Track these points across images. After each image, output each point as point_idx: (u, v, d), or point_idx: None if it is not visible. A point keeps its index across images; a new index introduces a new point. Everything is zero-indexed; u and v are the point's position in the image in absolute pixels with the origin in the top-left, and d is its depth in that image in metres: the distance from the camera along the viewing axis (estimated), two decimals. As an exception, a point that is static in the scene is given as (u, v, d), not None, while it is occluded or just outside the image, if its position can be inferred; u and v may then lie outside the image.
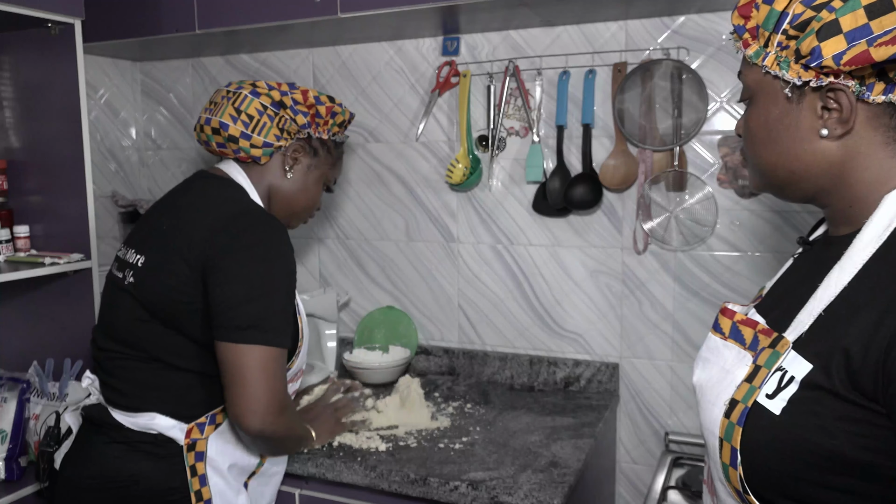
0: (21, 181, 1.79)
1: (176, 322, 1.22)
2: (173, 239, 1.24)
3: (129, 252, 1.31)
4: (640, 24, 1.75)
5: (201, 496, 1.23)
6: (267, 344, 1.17)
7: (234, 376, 1.16)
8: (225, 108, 1.36)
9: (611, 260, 1.83)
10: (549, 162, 1.85)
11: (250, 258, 1.19)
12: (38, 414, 1.65)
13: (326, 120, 1.42)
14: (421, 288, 2.05)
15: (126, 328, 1.27)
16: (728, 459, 0.76)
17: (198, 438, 1.24)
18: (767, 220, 1.68)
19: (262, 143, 1.36)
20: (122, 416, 1.26)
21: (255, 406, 1.16)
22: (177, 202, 1.34)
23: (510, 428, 1.60)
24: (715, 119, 1.71)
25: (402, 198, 2.04)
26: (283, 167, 1.40)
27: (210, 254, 1.19)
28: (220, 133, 1.35)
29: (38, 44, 1.72)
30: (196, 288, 1.20)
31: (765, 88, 0.80)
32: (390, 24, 1.81)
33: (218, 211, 1.26)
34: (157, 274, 1.23)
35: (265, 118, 1.35)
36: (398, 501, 1.40)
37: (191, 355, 1.24)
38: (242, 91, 1.37)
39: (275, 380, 1.18)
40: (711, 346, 0.86)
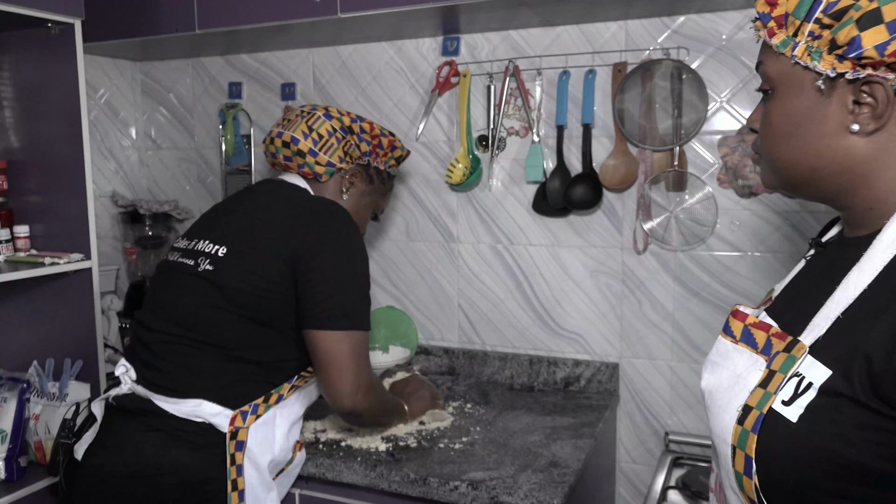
0: (21, 181, 1.79)
1: (255, 311, 1.28)
2: (261, 232, 1.32)
3: (202, 242, 1.37)
4: (640, 24, 1.75)
5: (236, 486, 1.24)
6: (357, 329, 1.29)
7: (329, 361, 1.27)
8: (298, 125, 1.47)
9: (611, 260, 1.83)
10: (549, 162, 1.85)
11: (339, 251, 1.29)
12: (38, 414, 1.65)
13: (387, 152, 1.56)
14: (421, 288, 2.05)
15: (191, 312, 1.31)
16: (742, 468, 0.73)
17: (240, 427, 1.26)
18: (767, 220, 1.68)
19: (327, 161, 1.47)
20: (166, 402, 1.26)
21: (349, 387, 1.27)
22: (253, 201, 1.43)
23: (510, 428, 1.60)
24: (715, 119, 1.71)
25: (401, 198, 2.04)
26: (340, 188, 1.51)
27: (301, 248, 1.28)
28: (290, 147, 1.46)
29: (38, 44, 1.72)
30: (286, 280, 1.28)
31: (791, 80, 0.76)
32: (390, 24, 1.81)
33: (302, 207, 1.36)
34: (245, 264, 1.30)
35: (333, 140, 1.47)
36: (398, 501, 1.40)
37: (255, 345, 1.29)
38: (317, 112, 1.49)
39: (363, 360, 1.30)
40: (721, 350, 0.83)
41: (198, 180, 2.34)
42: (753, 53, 1.65)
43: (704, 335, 1.76)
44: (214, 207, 1.50)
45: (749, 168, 1.68)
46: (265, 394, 1.31)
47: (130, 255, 2.28)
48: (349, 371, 1.27)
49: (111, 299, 2.19)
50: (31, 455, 1.65)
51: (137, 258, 2.27)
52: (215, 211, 1.48)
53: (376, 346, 2.02)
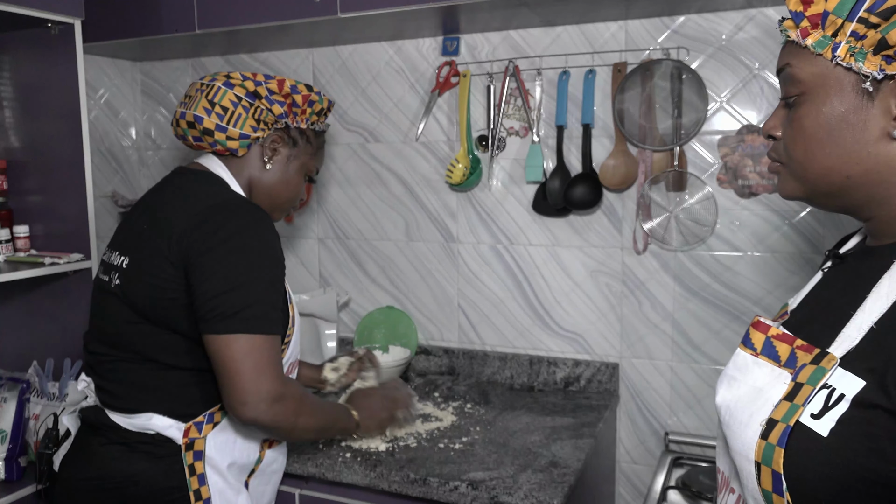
0: (21, 181, 1.79)
1: (165, 320, 1.22)
2: (153, 238, 1.23)
3: (113, 254, 1.30)
4: (640, 24, 1.75)
5: (200, 495, 1.23)
6: (250, 332, 1.16)
7: (223, 367, 1.16)
8: (199, 101, 1.33)
9: (611, 260, 1.83)
10: (548, 162, 1.85)
11: (229, 249, 1.18)
12: (38, 414, 1.65)
13: (304, 109, 1.38)
14: (421, 288, 2.05)
15: (116, 331, 1.26)
16: (770, 486, 0.68)
17: (196, 437, 1.24)
18: (767, 220, 1.68)
19: (239, 134, 1.32)
20: (120, 417, 1.25)
21: (244, 396, 1.15)
22: (155, 201, 1.33)
23: (510, 428, 1.60)
24: (715, 119, 1.71)
25: (401, 198, 2.04)
26: (261, 158, 1.37)
27: (190, 249, 1.18)
28: (196, 126, 1.33)
29: (38, 44, 1.72)
30: (181, 284, 1.19)
31: (828, 82, 0.71)
32: (390, 24, 1.81)
33: (196, 205, 1.24)
34: (141, 274, 1.22)
35: (240, 109, 1.32)
36: (398, 501, 1.40)
37: (183, 353, 1.23)
38: (216, 83, 1.33)
39: (265, 367, 1.17)
40: (740, 364, 0.79)
41: (198, 180, 2.34)
42: (753, 53, 1.65)
43: (704, 335, 1.76)
44: (132, 208, 1.39)
45: (749, 168, 1.68)
46: (219, 400, 1.23)
47: (130, 255, 2.27)
48: (244, 378, 1.14)
49: (111, 299, 2.18)
50: (30, 455, 1.65)
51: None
52: (130, 213, 1.37)
53: (376, 346, 2.02)
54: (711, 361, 1.75)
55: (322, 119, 1.44)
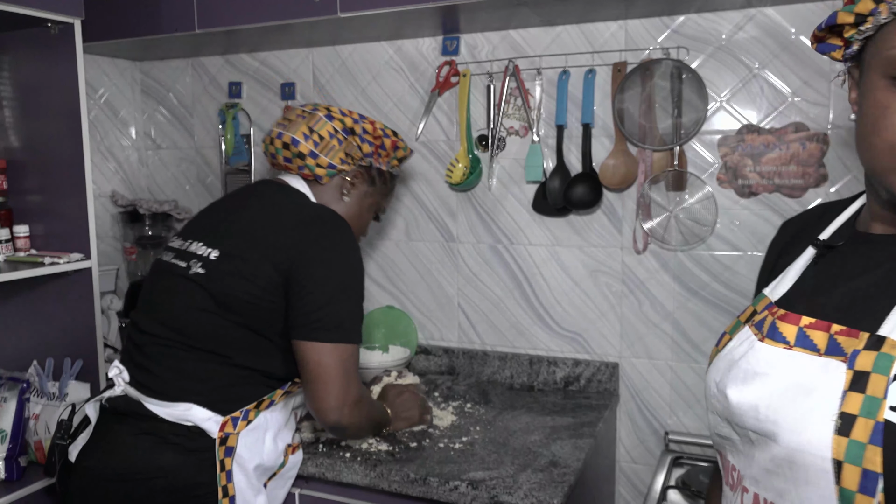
0: (21, 181, 1.79)
1: (246, 317, 1.26)
2: (255, 238, 1.30)
3: (194, 244, 1.35)
4: (639, 24, 1.75)
5: (227, 491, 1.24)
6: (347, 342, 1.26)
7: (317, 373, 1.24)
8: (299, 126, 1.44)
9: (610, 259, 1.83)
10: (548, 161, 1.85)
11: (332, 262, 1.28)
12: (38, 414, 1.65)
13: (389, 153, 1.52)
14: (421, 287, 2.05)
15: (183, 316, 1.29)
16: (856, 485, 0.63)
17: (230, 433, 1.26)
18: (767, 220, 1.68)
19: (328, 164, 1.43)
20: (156, 405, 1.26)
21: (336, 402, 1.25)
22: (251, 203, 1.40)
23: (510, 427, 1.60)
24: (715, 119, 1.71)
25: (401, 197, 2.04)
26: (341, 190, 1.48)
27: (295, 257, 1.26)
28: (290, 148, 1.43)
29: (38, 43, 1.72)
30: (278, 289, 1.26)
31: None
32: (390, 24, 1.81)
33: (296, 215, 1.33)
34: (237, 269, 1.27)
35: (335, 141, 1.44)
36: (398, 501, 1.40)
37: (250, 350, 1.28)
38: (317, 113, 1.45)
39: (351, 374, 1.27)
40: (769, 359, 0.75)
41: (197, 180, 2.34)
42: (753, 53, 1.65)
43: (704, 335, 1.76)
44: (211, 206, 1.47)
45: (749, 168, 1.68)
46: (257, 400, 1.30)
47: (130, 255, 2.28)
48: (336, 384, 1.25)
49: (111, 299, 2.19)
50: (30, 455, 1.65)
51: (137, 258, 2.27)
52: (211, 210, 1.45)
53: (376, 346, 2.02)
54: (711, 361, 1.75)
55: (400, 165, 1.59)
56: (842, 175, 1.61)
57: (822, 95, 1.61)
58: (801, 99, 1.63)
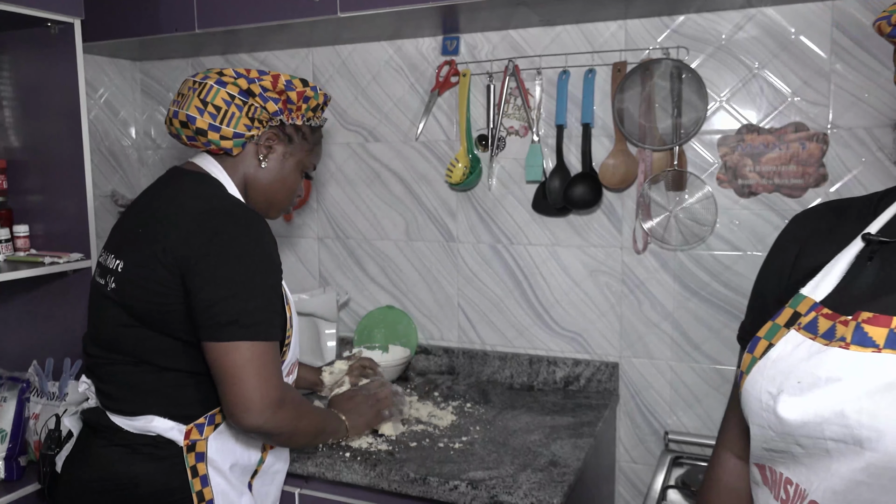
0: (21, 181, 1.79)
1: (160, 324, 1.21)
2: (149, 242, 1.22)
3: (109, 257, 1.29)
4: (639, 24, 1.75)
5: (203, 497, 1.23)
6: (251, 339, 1.15)
7: (223, 375, 1.15)
8: (191, 100, 1.30)
9: (610, 259, 1.83)
10: (548, 161, 1.85)
11: (227, 256, 1.17)
12: (37, 413, 1.65)
13: (299, 105, 1.35)
14: (421, 287, 2.05)
15: (112, 334, 1.26)
16: None
17: (197, 439, 1.23)
18: (767, 220, 1.68)
19: (233, 134, 1.30)
20: (121, 419, 1.25)
21: (247, 403, 1.15)
22: (151, 203, 1.31)
23: (510, 427, 1.60)
24: (714, 118, 1.71)
25: (401, 197, 2.04)
26: (256, 157, 1.34)
27: (187, 256, 1.17)
28: (189, 126, 1.30)
29: (38, 43, 1.72)
30: (177, 290, 1.18)
31: None
32: (390, 24, 1.81)
33: (192, 210, 1.22)
34: (137, 278, 1.21)
35: (233, 108, 1.29)
36: (398, 501, 1.40)
37: (179, 356, 1.23)
38: (208, 81, 1.30)
39: (266, 374, 1.16)
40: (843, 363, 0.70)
41: (197, 180, 2.34)
42: (753, 53, 1.65)
43: (704, 334, 1.76)
44: (127, 208, 1.38)
45: (748, 168, 1.68)
46: (218, 403, 1.24)
47: (130, 255, 2.28)
48: (245, 386, 1.14)
49: (111, 299, 2.19)
50: (30, 454, 1.65)
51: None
52: (125, 213, 1.36)
53: (376, 346, 2.02)
54: (711, 361, 1.75)
55: (318, 114, 1.41)
56: (841, 175, 1.61)
57: (822, 95, 1.61)
58: (800, 99, 1.63)
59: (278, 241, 2.21)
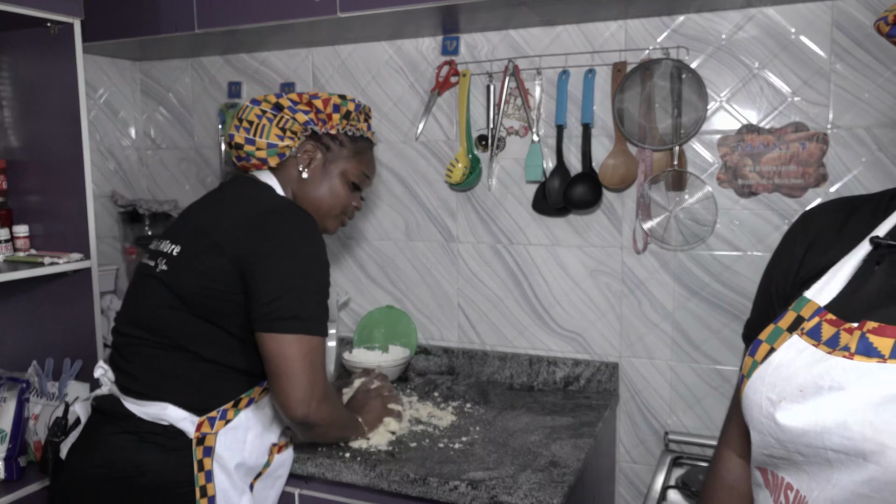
0: (20, 181, 1.79)
1: (207, 311, 1.26)
2: (211, 233, 1.28)
3: (164, 243, 1.35)
4: (639, 24, 1.75)
5: (206, 492, 1.23)
6: (308, 333, 1.23)
7: (279, 366, 1.21)
8: (231, 121, 1.45)
9: (610, 259, 1.83)
10: (548, 161, 1.85)
11: (286, 253, 1.24)
12: (37, 414, 1.65)
13: (329, 114, 1.43)
14: (420, 287, 2.05)
15: (152, 314, 1.29)
16: None
17: (207, 433, 1.25)
18: (767, 220, 1.68)
19: (266, 144, 1.41)
20: (134, 404, 1.26)
21: (300, 395, 1.21)
22: (213, 200, 1.40)
23: (510, 427, 1.60)
24: (714, 118, 1.71)
25: (401, 197, 2.04)
26: (298, 168, 1.43)
27: (248, 250, 1.24)
28: (231, 144, 1.43)
29: (38, 43, 1.72)
30: (234, 281, 1.24)
31: None
32: (390, 24, 1.81)
33: (253, 208, 1.31)
34: (194, 264, 1.27)
35: (264, 121, 1.41)
36: (398, 501, 1.40)
37: (217, 345, 1.27)
38: (244, 103, 1.45)
39: (317, 368, 1.24)
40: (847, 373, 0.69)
41: (197, 180, 2.34)
42: (753, 53, 1.65)
43: (704, 335, 1.76)
44: (187, 207, 1.46)
45: (748, 168, 1.68)
46: (235, 398, 1.29)
47: (130, 255, 2.28)
48: (300, 378, 1.21)
49: (111, 299, 2.19)
50: (30, 455, 1.65)
51: (137, 258, 2.27)
52: (186, 211, 1.44)
53: (376, 346, 2.02)
54: (711, 361, 1.75)
55: (354, 123, 1.48)
56: (842, 175, 1.61)
57: (822, 95, 1.61)
58: (800, 99, 1.63)
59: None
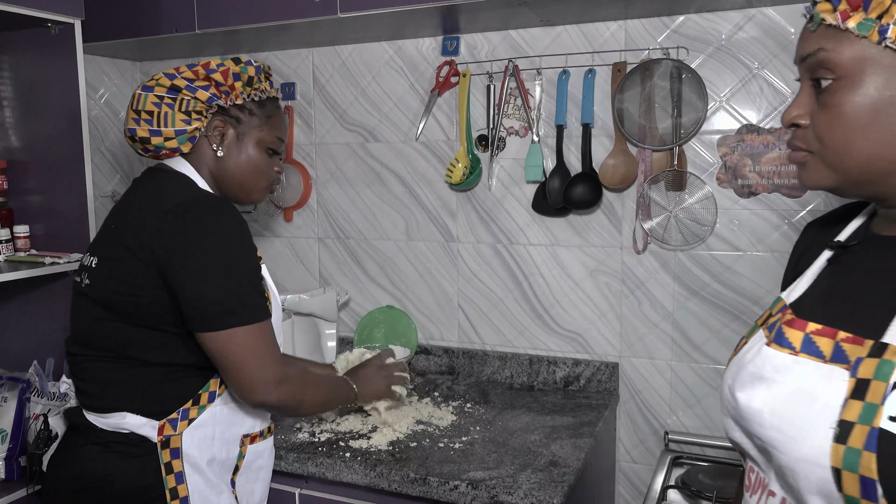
0: (21, 181, 1.79)
1: (139, 317, 1.23)
2: (122, 238, 1.24)
3: (86, 256, 1.32)
4: (639, 24, 1.75)
5: (177, 493, 1.22)
6: (245, 324, 1.20)
7: (226, 361, 1.20)
8: (128, 114, 1.33)
9: (610, 259, 1.83)
10: (548, 161, 1.85)
11: (203, 247, 1.19)
12: (38, 413, 1.65)
13: (231, 85, 1.33)
14: (421, 287, 2.06)
15: (88, 330, 1.28)
16: (858, 492, 0.63)
17: (171, 435, 1.24)
18: (767, 220, 1.68)
19: (174, 132, 1.31)
20: (95, 417, 1.26)
21: (251, 384, 1.21)
22: (125, 202, 1.34)
23: (510, 427, 1.60)
24: (714, 119, 1.71)
25: (401, 197, 2.04)
26: (211, 147, 1.34)
27: (162, 250, 1.19)
28: (135, 140, 1.33)
29: (38, 43, 1.72)
30: (153, 281, 1.20)
31: (872, 66, 0.69)
32: (390, 24, 1.81)
33: (161, 205, 1.24)
34: (112, 273, 1.24)
35: (164, 108, 1.30)
36: (398, 501, 1.40)
37: (154, 348, 1.24)
38: (136, 91, 1.32)
39: (264, 354, 1.22)
40: (777, 364, 0.74)
41: (198, 180, 2.34)
42: (753, 53, 1.65)
43: (704, 335, 1.76)
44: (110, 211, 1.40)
45: (748, 168, 1.68)
46: (192, 396, 1.27)
47: (130, 255, 2.28)
48: (249, 367, 1.20)
49: (111, 299, 2.19)
50: (31, 455, 1.65)
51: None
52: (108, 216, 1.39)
53: (376, 346, 2.02)
54: (711, 361, 1.76)
55: (258, 87, 1.38)
56: (841, 175, 1.61)
57: (822, 95, 1.61)
58: (800, 99, 1.63)
59: (278, 241, 2.22)
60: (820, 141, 0.75)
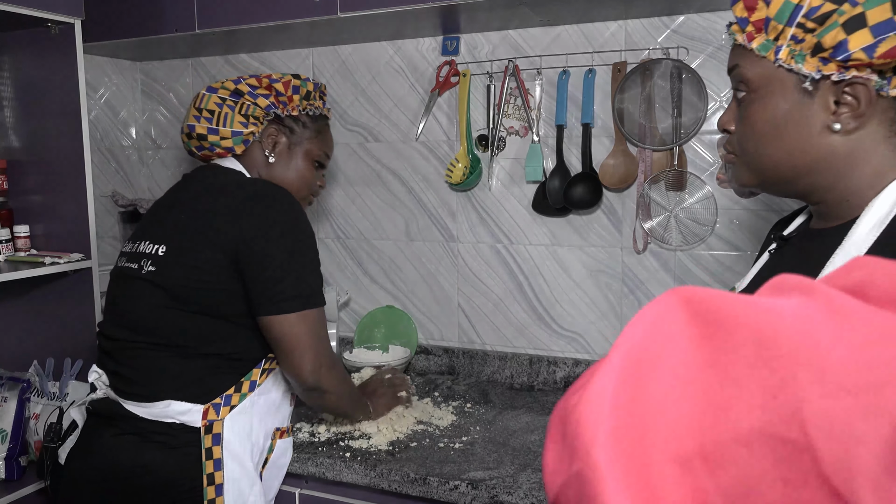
0: (21, 181, 1.79)
1: (202, 305, 1.26)
2: (196, 226, 1.29)
3: (142, 244, 1.34)
4: (639, 24, 1.75)
5: (213, 480, 1.24)
6: (311, 307, 1.28)
7: (290, 344, 1.26)
8: (189, 112, 1.44)
9: (610, 259, 1.83)
10: (548, 161, 1.85)
11: (279, 234, 1.27)
12: (38, 413, 1.65)
13: (290, 96, 1.44)
14: (421, 287, 2.06)
15: (144, 316, 1.29)
16: None
17: (214, 420, 1.26)
18: (767, 220, 1.68)
19: (231, 132, 1.40)
20: (137, 406, 1.27)
21: (310, 365, 1.27)
22: (188, 193, 1.39)
23: (510, 427, 1.60)
24: (714, 118, 1.70)
25: (401, 197, 2.04)
26: (264, 153, 1.44)
27: (240, 237, 1.25)
28: (192, 136, 1.42)
29: (38, 43, 1.72)
30: (227, 271, 1.26)
31: (772, 82, 0.78)
32: (390, 24, 1.81)
33: (235, 194, 1.31)
34: (184, 260, 1.27)
35: (226, 109, 1.41)
36: (398, 501, 1.40)
37: (213, 337, 1.28)
38: (201, 91, 1.44)
39: (323, 338, 1.31)
40: None
41: (198, 180, 2.34)
42: (753, 53, 1.65)
43: (704, 335, 1.76)
44: (154, 205, 1.45)
45: (749, 167, 1.69)
46: (235, 384, 1.30)
47: (130, 255, 2.28)
48: (310, 350, 1.27)
49: (111, 299, 2.19)
50: (31, 455, 1.65)
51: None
52: (155, 209, 1.43)
53: (376, 346, 2.02)
54: (711, 361, 1.75)
55: (313, 103, 1.49)
56: (841, 175, 1.61)
57: (822, 95, 1.61)
58: (800, 99, 1.63)
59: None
60: (741, 146, 0.85)
